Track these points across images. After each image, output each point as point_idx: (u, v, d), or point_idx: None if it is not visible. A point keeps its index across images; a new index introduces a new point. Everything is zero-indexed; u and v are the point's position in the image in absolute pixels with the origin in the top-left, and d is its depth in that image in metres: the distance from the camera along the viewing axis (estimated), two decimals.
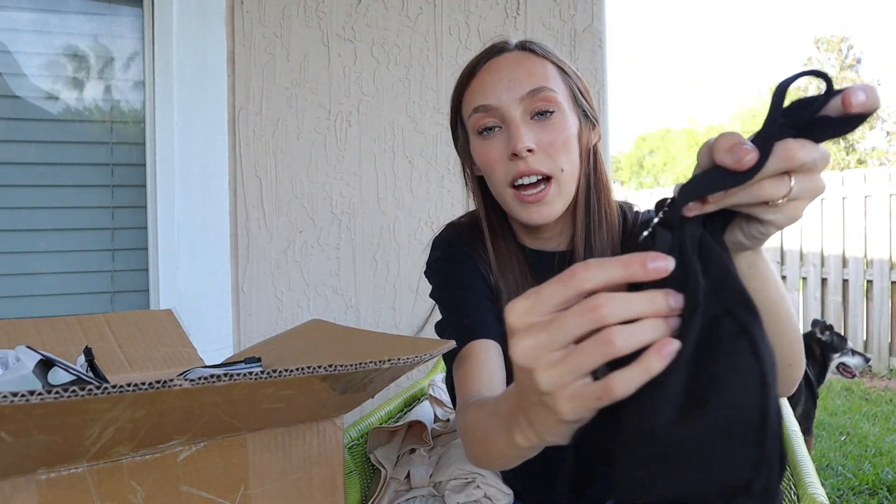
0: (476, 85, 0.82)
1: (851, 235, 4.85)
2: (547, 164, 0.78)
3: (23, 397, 0.36)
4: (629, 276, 0.35)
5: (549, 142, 0.78)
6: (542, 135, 0.78)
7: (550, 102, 0.78)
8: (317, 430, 0.62)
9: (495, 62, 0.81)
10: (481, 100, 0.80)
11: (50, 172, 1.66)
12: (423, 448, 1.01)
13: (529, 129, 0.78)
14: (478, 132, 0.81)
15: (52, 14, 1.66)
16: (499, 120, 0.79)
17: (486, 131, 0.80)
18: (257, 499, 0.57)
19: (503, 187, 0.80)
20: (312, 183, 1.76)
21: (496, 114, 0.79)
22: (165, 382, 0.41)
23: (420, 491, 0.94)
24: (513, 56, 0.81)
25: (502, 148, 0.79)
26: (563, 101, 0.80)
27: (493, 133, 0.80)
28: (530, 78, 0.78)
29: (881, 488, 2.55)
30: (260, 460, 0.58)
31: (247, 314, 1.73)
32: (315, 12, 1.75)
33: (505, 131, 0.79)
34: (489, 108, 0.79)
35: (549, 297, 0.36)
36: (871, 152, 15.32)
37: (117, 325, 0.86)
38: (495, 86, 0.79)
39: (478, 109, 0.80)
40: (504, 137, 0.79)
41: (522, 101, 0.78)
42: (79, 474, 0.48)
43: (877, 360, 4.68)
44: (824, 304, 4.97)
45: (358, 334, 0.80)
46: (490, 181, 0.83)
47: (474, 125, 0.81)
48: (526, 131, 0.77)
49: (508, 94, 0.78)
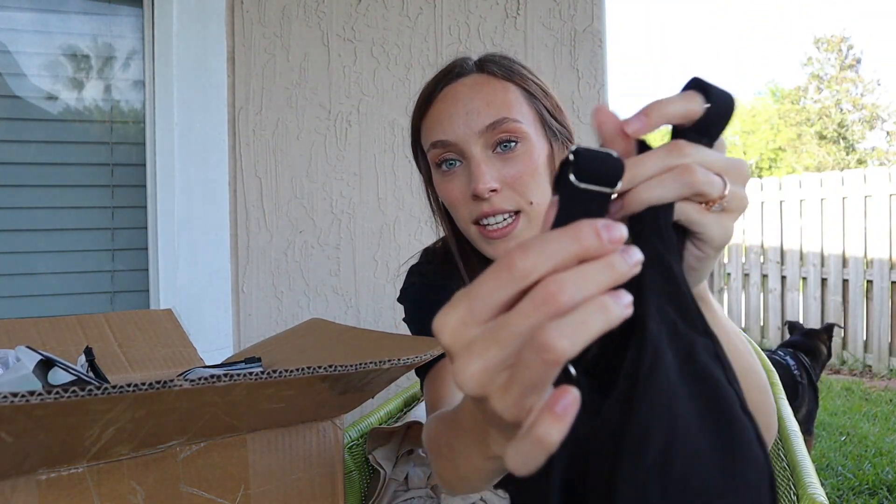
0: (433, 116, 0.75)
1: (851, 235, 4.85)
2: (513, 200, 0.73)
3: (23, 398, 0.36)
4: (584, 251, 0.27)
5: (515, 176, 0.72)
6: (507, 169, 0.72)
7: (513, 133, 0.72)
8: (317, 430, 0.62)
9: (451, 90, 0.75)
10: (439, 134, 0.74)
11: (50, 172, 1.66)
12: (422, 449, 1.01)
13: (491, 164, 0.72)
14: (437, 165, 0.76)
15: (52, 14, 1.66)
16: (458, 154, 0.74)
17: (445, 164, 0.75)
18: (257, 499, 0.57)
19: (467, 224, 0.75)
20: (312, 183, 1.76)
21: (454, 148, 0.73)
22: (165, 383, 0.41)
23: (418, 492, 0.94)
24: (471, 81, 0.74)
25: (464, 186, 0.73)
26: (529, 129, 0.74)
27: (455, 168, 0.74)
28: (488, 109, 0.72)
29: (881, 488, 2.55)
30: (260, 460, 0.58)
31: (247, 314, 1.73)
32: (315, 12, 1.75)
33: (466, 166, 0.73)
34: (447, 143, 0.73)
35: (486, 300, 0.27)
36: (871, 152, 15.32)
37: (117, 325, 0.86)
38: (452, 119, 0.72)
39: (436, 145, 0.74)
40: (465, 174, 0.73)
41: (482, 135, 0.72)
42: (79, 474, 0.48)
43: (877, 360, 4.68)
44: (824, 304, 4.97)
45: (358, 334, 0.80)
46: (454, 216, 0.78)
47: (433, 159, 0.76)
48: (487, 169, 0.71)
49: (466, 127, 0.72)
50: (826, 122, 15.10)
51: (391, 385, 1.36)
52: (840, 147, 15.02)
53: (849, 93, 15.16)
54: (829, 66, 15.39)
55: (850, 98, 15.11)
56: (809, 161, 15.20)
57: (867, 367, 4.72)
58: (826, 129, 15.07)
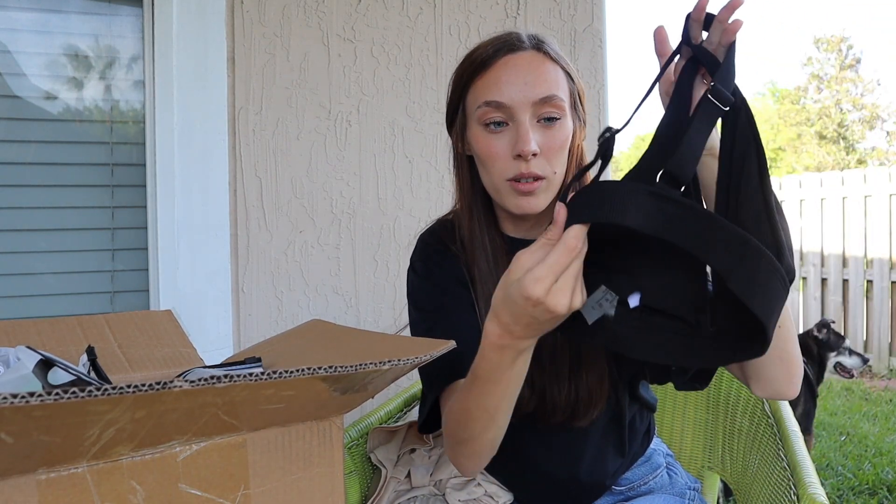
0: (490, 78, 0.82)
1: (851, 235, 4.85)
2: (544, 167, 0.82)
3: (23, 399, 0.36)
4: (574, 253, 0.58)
5: (550, 146, 0.81)
6: (545, 139, 0.81)
7: (558, 109, 0.81)
8: (317, 430, 0.62)
9: (512, 59, 0.82)
10: (495, 95, 0.81)
11: (50, 172, 1.66)
12: (424, 448, 1.01)
13: (536, 131, 0.81)
14: (484, 124, 0.83)
15: (52, 14, 1.66)
16: (507, 117, 0.81)
17: (493, 125, 0.82)
18: (257, 499, 0.57)
19: (500, 179, 0.83)
20: (312, 183, 1.76)
21: (506, 111, 0.81)
22: (166, 384, 0.41)
23: (421, 490, 0.94)
24: (529, 56, 0.82)
25: (506, 145, 0.81)
26: (567, 108, 0.83)
27: (500, 128, 0.82)
28: (544, 84, 0.81)
29: (881, 488, 2.56)
30: (260, 460, 0.58)
31: (247, 314, 1.73)
32: (315, 12, 1.75)
33: (512, 129, 0.81)
34: (501, 105, 0.81)
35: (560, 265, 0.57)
36: (871, 152, 15.32)
37: (117, 325, 0.86)
38: (511, 85, 0.80)
39: (489, 103, 0.81)
40: (510, 135, 0.81)
41: (533, 106, 0.80)
42: (79, 474, 0.48)
43: (877, 360, 4.68)
44: (824, 304, 4.97)
45: (358, 334, 0.80)
46: (486, 170, 0.85)
47: (481, 116, 0.83)
48: (533, 134, 0.80)
49: (522, 95, 0.80)
50: (826, 122, 15.10)
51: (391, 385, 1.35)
52: (840, 147, 15.02)
53: (849, 93, 15.16)
54: (829, 66, 15.39)
55: (850, 98, 15.11)
56: (809, 161, 15.20)
57: (867, 367, 4.72)
58: (826, 129, 15.08)
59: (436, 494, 0.94)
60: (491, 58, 0.83)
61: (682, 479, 1.00)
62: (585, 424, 0.87)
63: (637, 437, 0.97)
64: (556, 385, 0.84)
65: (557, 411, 0.85)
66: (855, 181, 4.89)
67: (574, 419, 0.86)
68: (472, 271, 0.88)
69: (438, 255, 0.92)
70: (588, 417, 0.86)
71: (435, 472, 0.96)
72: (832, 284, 4.93)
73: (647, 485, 0.97)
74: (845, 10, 38.52)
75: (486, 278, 0.86)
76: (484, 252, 0.88)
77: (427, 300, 0.90)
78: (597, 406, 0.85)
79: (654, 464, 0.99)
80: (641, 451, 0.98)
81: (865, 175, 4.89)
